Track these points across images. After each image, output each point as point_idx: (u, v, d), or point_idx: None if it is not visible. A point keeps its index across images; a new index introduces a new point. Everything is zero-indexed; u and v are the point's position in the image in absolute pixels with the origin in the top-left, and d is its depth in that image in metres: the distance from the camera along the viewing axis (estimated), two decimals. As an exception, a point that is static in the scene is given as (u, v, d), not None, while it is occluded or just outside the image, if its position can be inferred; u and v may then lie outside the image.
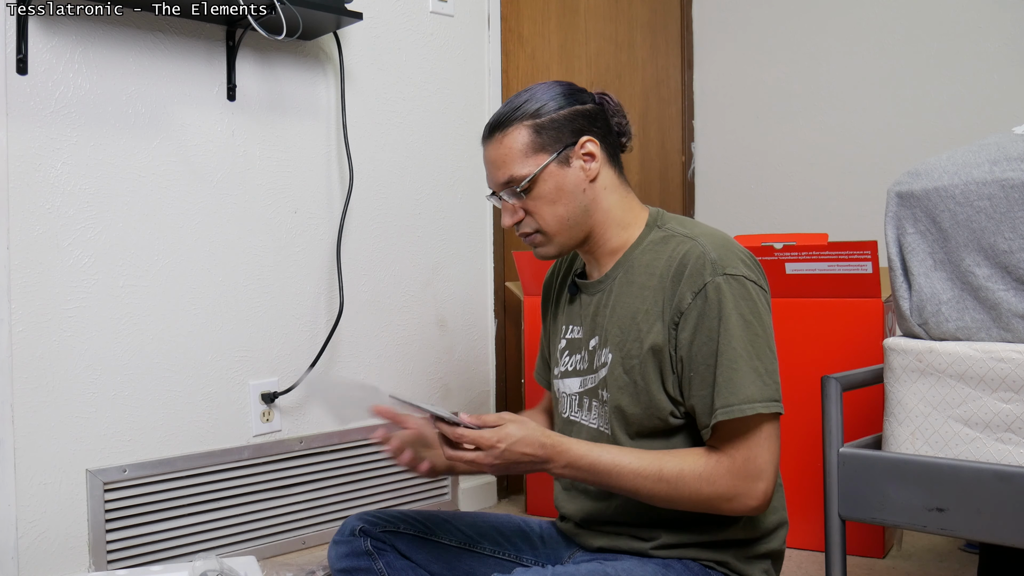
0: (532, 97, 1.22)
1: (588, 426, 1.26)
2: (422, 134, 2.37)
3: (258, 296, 2.06)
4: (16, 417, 1.72)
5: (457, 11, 2.45)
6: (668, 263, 1.17)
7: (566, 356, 1.31)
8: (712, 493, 1.10)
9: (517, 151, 1.21)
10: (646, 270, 1.20)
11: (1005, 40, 2.52)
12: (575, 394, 1.29)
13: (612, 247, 1.25)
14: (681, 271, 1.15)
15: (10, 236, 1.72)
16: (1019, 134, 1.25)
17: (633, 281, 1.21)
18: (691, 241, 1.17)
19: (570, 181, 1.21)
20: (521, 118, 1.21)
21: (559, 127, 1.21)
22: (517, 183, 1.21)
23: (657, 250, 1.21)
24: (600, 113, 1.25)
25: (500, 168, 1.22)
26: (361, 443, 2.23)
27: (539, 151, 1.20)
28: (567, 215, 1.22)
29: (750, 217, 3.04)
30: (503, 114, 1.22)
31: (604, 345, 1.22)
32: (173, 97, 1.92)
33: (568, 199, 1.21)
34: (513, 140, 1.21)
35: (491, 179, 1.25)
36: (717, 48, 3.15)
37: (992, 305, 1.18)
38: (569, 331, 1.32)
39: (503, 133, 1.22)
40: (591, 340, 1.26)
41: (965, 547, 2.05)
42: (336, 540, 1.30)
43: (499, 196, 1.25)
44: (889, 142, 2.74)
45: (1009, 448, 1.15)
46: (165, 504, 1.90)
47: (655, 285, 1.18)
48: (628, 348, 1.18)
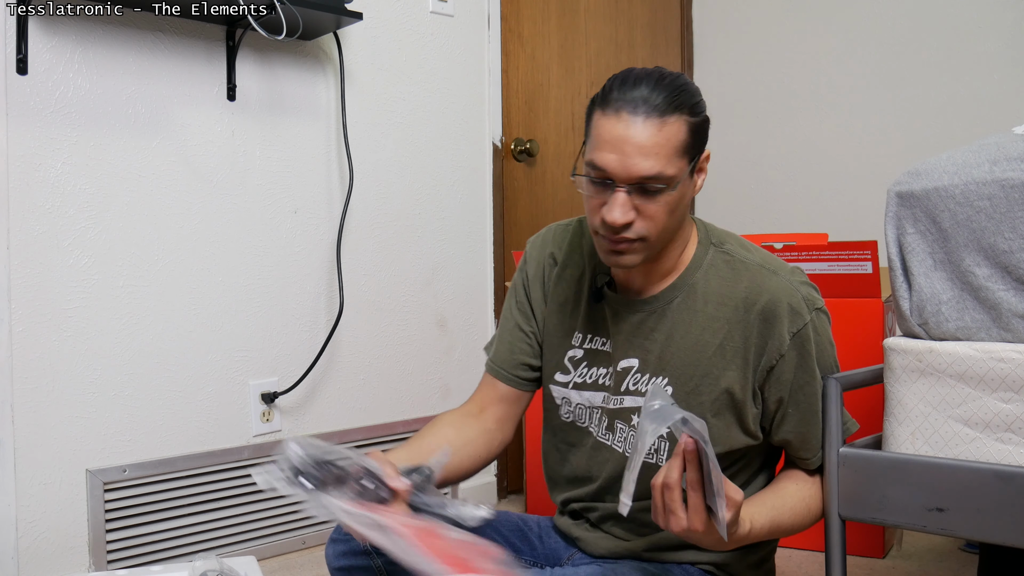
0: (687, 87, 1.05)
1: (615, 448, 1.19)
2: (422, 134, 2.37)
3: (258, 296, 2.06)
4: (16, 417, 1.72)
5: (457, 11, 2.45)
6: (750, 297, 1.11)
7: (583, 367, 1.22)
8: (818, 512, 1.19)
9: (673, 147, 1.03)
10: (716, 299, 1.12)
11: (1005, 40, 2.52)
12: (597, 407, 1.21)
13: (667, 266, 1.15)
14: (773, 310, 1.09)
15: (10, 236, 1.72)
16: (1019, 134, 1.25)
17: (698, 310, 1.13)
18: (773, 275, 1.12)
19: (689, 193, 1.09)
20: (682, 108, 1.03)
21: (703, 132, 1.08)
22: (661, 182, 1.03)
23: (725, 277, 1.13)
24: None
25: (649, 158, 1.02)
26: (361, 443, 2.23)
27: (685, 154, 1.05)
28: (673, 227, 1.09)
29: (750, 217, 3.04)
30: (667, 95, 1.03)
31: (657, 374, 1.14)
32: (173, 97, 1.92)
33: (681, 212, 1.09)
34: (673, 132, 1.03)
35: (624, 165, 1.02)
36: (717, 48, 3.15)
37: (992, 305, 1.18)
38: (588, 340, 1.22)
39: (664, 119, 1.02)
40: (624, 360, 1.17)
41: (965, 547, 2.05)
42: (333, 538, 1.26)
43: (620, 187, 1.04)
44: (889, 142, 2.74)
45: (1009, 448, 1.15)
46: (165, 504, 1.90)
47: (731, 318, 1.11)
48: (697, 384, 1.12)
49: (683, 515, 0.96)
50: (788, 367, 1.11)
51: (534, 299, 1.29)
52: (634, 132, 1.01)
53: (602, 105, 1.05)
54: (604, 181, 1.05)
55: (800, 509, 1.15)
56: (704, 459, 0.92)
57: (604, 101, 1.05)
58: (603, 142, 1.03)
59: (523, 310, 1.30)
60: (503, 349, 1.31)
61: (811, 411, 1.15)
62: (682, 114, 1.03)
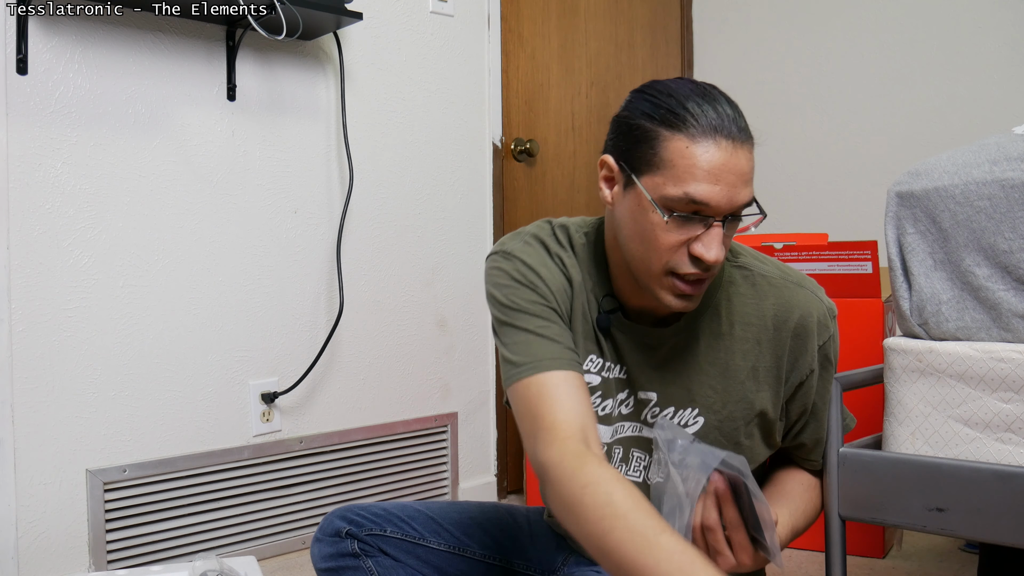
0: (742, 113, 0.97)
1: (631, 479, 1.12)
2: (422, 134, 2.37)
3: (258, 296, 2.06)
4: (16, 417, 1.72)
5: (457, 11, 2.45)
6: (779, 315, 1.06)
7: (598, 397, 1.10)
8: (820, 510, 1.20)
9: (752, 172, 0.96)
10: (742, 320, 1.07)
11: (1005, 40, 2.52)
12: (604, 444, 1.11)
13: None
14: (805, 326, 1.07)
15: (10, 236, 1.72)
16: (1019, 134, 1.25)
17: (724, 333, 1.07)
18: (799, 289, 1.08)
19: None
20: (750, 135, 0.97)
21: None
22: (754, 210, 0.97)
23: (748, 295, 1.08)
24: None
25: (748, 185, 0.95)
26: (361, 443, 2.24)
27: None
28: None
29: (750, 217, 3.04)
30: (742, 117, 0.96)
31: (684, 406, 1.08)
32: (173, 97, 1.92)
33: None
34: (751, 158, 0.96)
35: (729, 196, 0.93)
36: (717, 48, 3.15)
37: (992, 305, 1.18)
38: (604, 368, 1.10)
39: (748, 145, 0.95)
40: (643, 392, 1.10)
41: (965, 547, 2.05)
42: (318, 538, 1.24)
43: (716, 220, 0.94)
44: (889, 142, 2.74)
45: (1009, 448, 1.15)
46: (165, 504, 1.90)
47: (761, 338, 1.07)
48: (731, 412, 1.08)
49: (729, 554, 0.93)
50: (815, 380, 1.13)
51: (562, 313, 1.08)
52: (737, 161, 0.93)
53: (683, 129, 0.93)
54: (701, 217, 0.94)
55: (810, 511, 1.17)
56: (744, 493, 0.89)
57: (685, 124, 0.93)
58: (704, 173, 0.92)
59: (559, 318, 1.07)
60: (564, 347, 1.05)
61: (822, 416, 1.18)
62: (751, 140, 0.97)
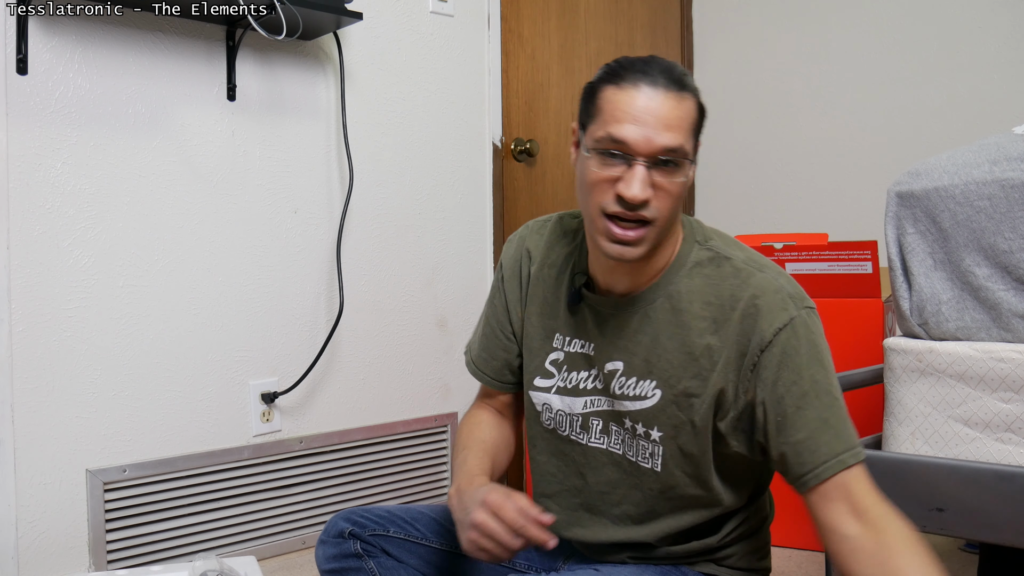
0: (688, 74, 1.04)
1: (612, 451, 1.16)
2: (422, 134, 2.37)
3: (258, 296, 2.06)
4: (16, 417, 1.72)
5: (457, 11, 2.45)
6: (734, 294, 1.06)
7: (564, 371, 1.18)
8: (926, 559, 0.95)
9: (690, 123, 1.02)
10: (701, 298, 1.08)
11: (1005, 40, 2.52)
12: (578, 415, 1.17)
13: (656, 263, 1.10)
14: (757, 306, 1.04)
15: (10, 236, 1.72)
16: (1019, 134, 1.25)
17: (683, 309, 1.08)
18: (759, 272, 1.07)
19: (691, 180, 1.05)
20: (694, 91, 1.03)
21: (704, 120, 1.06)
22: (683, 155, 1.01)
23: (709, 275, 1.09)
24: None
25: (673, 129, 1.00)
26: (361, 443, 2.23)
27: (695, 134, 1.04)
28: (675, 217, 1.06)
29: (750, 217, 3.04)
30: (680, 74, 1.02)
31: (644, 377, 1.10)
32: (173, 97, 1.92)
33: (683, 199, 1.05)
34: (690, 109, 1.02)
35: (647, 137, 1.00)
36: (717, 48, 3.15)
37: (992, 305, 1.18)
38: (568, 343, 1.18)
39: (682, 95, 1.01)
40: (609, 363, 1.13)
41: (965, 547, 2.05)
42: (323, 540, 1.26)
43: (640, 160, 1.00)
44: (889, 142, 2.74)
45: (1009, 448, 1.15)
46: (165, 504, 1.90)
47: (717, 317, 1.07)
48: (686, 386, 1.08)
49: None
50: (771, 364, 1.03)
51: (511, 300, 1.25)
52: (657, 104, 1.00)
53: (614, 80, 1.02)
54: (622, 156, 1.01)
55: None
56: None
57: (616, 76, 1.02)
58: (622, 114, 1.00)
59: (500, 314, 1.26)
60: (484, 356, 1.30)
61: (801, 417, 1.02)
62: (694, 96, 1.03)
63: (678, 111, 1.00)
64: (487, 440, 1.26)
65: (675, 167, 1.01)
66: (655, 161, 1.00)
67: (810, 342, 1.04)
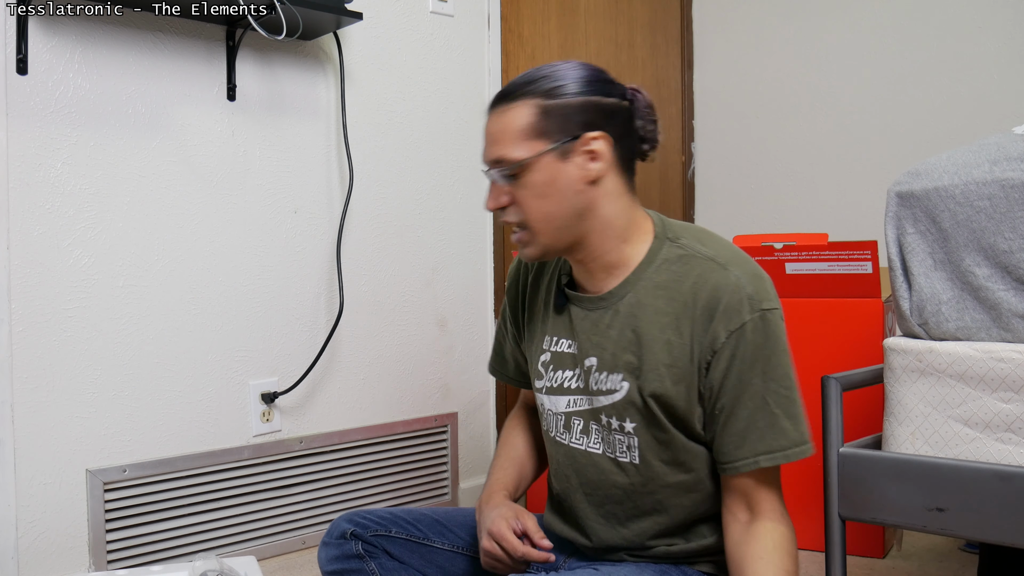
0: (552, 75, 1.10)
1: (591, 452, 1.18)
2: (422, 134, 2.37)
3: (258, 296, 2.06)
4: (16, 417, 1.72)
5: (457, 11, 2.45)
6: (695, 291, 1.09)
7: (551, 371, 1.21)
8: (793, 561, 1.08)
9: (516, 130, 1.09)
10: (666, 294, 1.11)
11: (1005, 40, 2.52)
12: (561, 413, 1.20)
13: (609, 260, 1.14)
14: (714, 306, 1.07)
15: (10, 236, 1.72)
16: (1019, 134, 1.25)
17: (647, 304, 1.12)
18: (721, 269, 1.09)
19: (564, 178, 1.09)
20: (531, 94, 1.09)
21: (568, 115, 1.09)
22: (506, 165, 1.09)
23: (676, 271, 1.11)
24: (623, 111, 1.13)
25: (495, 144, 1.11)
26: (361, 443, 2.23)
27: (539, 136, 1.08)
28: (555, 214, 1.10)
29: (750, 217, 3.04)
30: (515, 85, 1.11)
31: (613, 370, 1.13)
32: (173, 97, 1.93)
33: (559, 197, 1.09)
34: (516, 116, 1.09)
35: (484, 153, 1.13)
36: (717, 48, 3.15)
37: (992, 305, 1.18)
38: (555, 343, 1.21)
39: (508, 106, 1.10)
40: (587, 359, 1.16)
41: (965, 547, 2.05)
42: (325, 542, 1.27)
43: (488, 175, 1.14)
44: (889, 142, 2.74)
45: (1009, 448, 1.15)
46: (165, 504, 1.90)
47: (680, 313, 1.09)
48: (649, 378, 1.10)
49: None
50: (721, 364, 1.07)
51: (512, 306, 1.32)
52: (488, 124, 1.13)
53: None
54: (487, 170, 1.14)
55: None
56: None
57: None
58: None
59: (508, 322, 1.34)
60: (500, 357, 1.39)
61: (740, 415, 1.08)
62: (529, 98, 1.09)
63: (500, 123, 1.11)
64: (518, 446, 1.35)
65: (512, 175, 1.10)
66: (495, 173, 1.12)
67: (756, 346, 1.07)
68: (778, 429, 1.08)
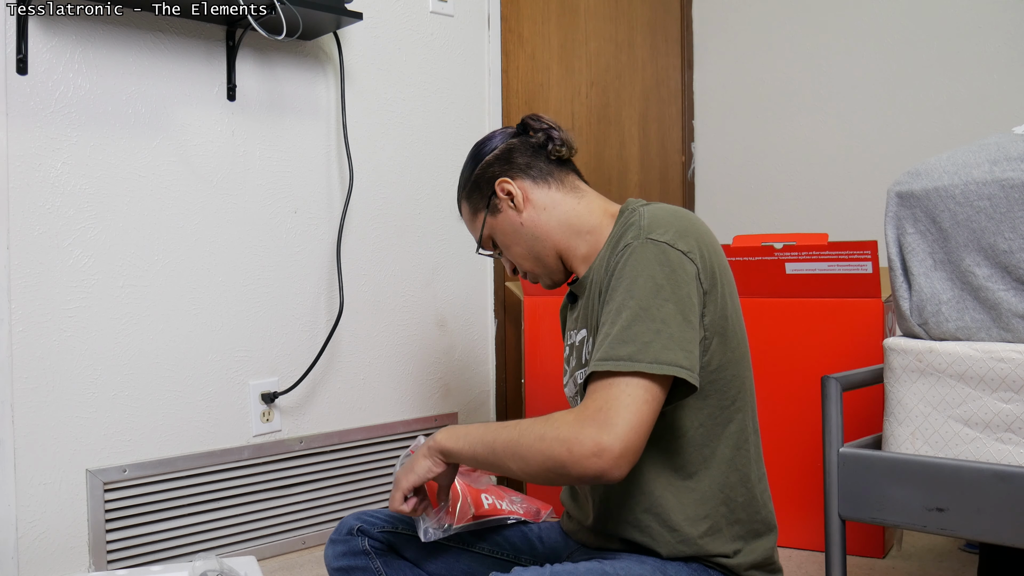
0: (461, 172, 1.36)
1: None
2: (422, 134, 2.37)
3: (258, 296, 2.06)
4: (16, 417, 1.72)
5: (457, 11, 2.45)
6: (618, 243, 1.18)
7: (568, 362, 1.32)
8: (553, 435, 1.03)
9: (468, 220, 1.37)
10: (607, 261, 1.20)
11: (1005, 40, 2.52)
12: (572, 397, 1.30)
13: (583, 254, 1.28)
14: (618, 243, 1.16)
15: (10, 236, 1.72)
16: (1019, 134, 1.25)
17: (598, 267, 1.23)
18: (635, 214, 1.18)
19: (506, 224, 1.30)
20: (459, 193, 1.37)
21: (478, 187, 1.32)
22: (481, 244, 1.36)
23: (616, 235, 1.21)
24: (513, 147, 1.30)
25: (471, 233, 1.38)
26: (361, 443, 2.23)
27: (478, 212, 1.33)
28: (525, 251, 1.31)
29: (750, 217, 3.04)
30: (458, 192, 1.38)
31: (586, 333, 1.24)
32: (173, 97, 1.93)
33: (516, 238, 1.30)
34: (463, 213, 1.38)
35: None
36: (717, 48, 3.15)
37: (992, 305, 1.18)
38: (570, 336, 1.32)
39: (460, 210, 1.39)
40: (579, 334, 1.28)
41: (965, 547, 2.05)
42: (333, 539, 1.30)
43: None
44: (889, 142, 2.74)
45: (1009, 448, 1.15)
46: (165, 504, 1.90)
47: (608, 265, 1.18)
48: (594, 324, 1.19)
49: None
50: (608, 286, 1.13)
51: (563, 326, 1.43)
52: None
53: None
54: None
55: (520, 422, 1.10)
56: None
57: None
58: None
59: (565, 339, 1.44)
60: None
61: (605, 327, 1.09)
62: (459, 197, 1.37)
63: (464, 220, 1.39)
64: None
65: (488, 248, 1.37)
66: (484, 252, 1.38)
67: (633, 265, 1.10)
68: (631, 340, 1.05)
